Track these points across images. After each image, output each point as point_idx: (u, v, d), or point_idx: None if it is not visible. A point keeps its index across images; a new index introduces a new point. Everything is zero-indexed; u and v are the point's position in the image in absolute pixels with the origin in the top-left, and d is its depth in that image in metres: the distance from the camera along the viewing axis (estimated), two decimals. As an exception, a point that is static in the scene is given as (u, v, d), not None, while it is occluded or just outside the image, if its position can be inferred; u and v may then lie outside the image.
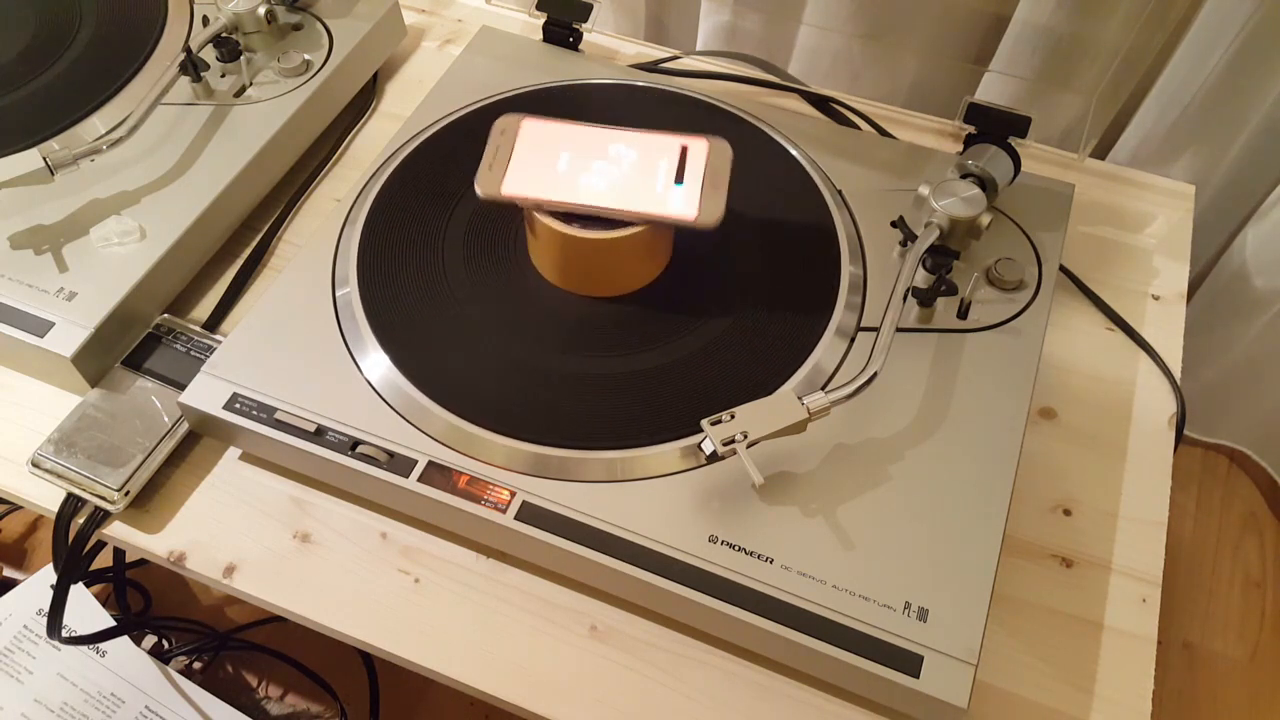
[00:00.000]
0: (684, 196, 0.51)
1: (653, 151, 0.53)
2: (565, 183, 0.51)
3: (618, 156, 0.52)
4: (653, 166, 0.52)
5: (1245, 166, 0.80)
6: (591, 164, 0.52)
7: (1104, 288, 0.62)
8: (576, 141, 0.53)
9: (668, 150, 0.53)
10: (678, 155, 0.52)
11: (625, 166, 0.52)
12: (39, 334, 0.54)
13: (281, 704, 0.95)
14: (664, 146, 0.53)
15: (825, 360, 0.52)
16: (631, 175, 0.52)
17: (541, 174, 0.52)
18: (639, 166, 0.52)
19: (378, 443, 0.49)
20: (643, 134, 0.53)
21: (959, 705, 0.42)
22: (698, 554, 0.46)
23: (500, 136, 0.53)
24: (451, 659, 0.48)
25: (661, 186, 0.51)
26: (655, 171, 0.52)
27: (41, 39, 0.67)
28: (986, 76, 0.78)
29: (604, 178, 0.52)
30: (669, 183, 0.51)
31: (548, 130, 0.54)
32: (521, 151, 0.52)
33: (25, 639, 0.88)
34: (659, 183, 0.51)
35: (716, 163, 0.52)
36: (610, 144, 0.53)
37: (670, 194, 0.51)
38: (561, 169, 0.52)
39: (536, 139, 0.53)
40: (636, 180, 0.51)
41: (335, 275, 0.56)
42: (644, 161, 0.52)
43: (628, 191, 0.51)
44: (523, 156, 0.52)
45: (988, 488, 0.48)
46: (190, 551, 0.52)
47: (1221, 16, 0.70)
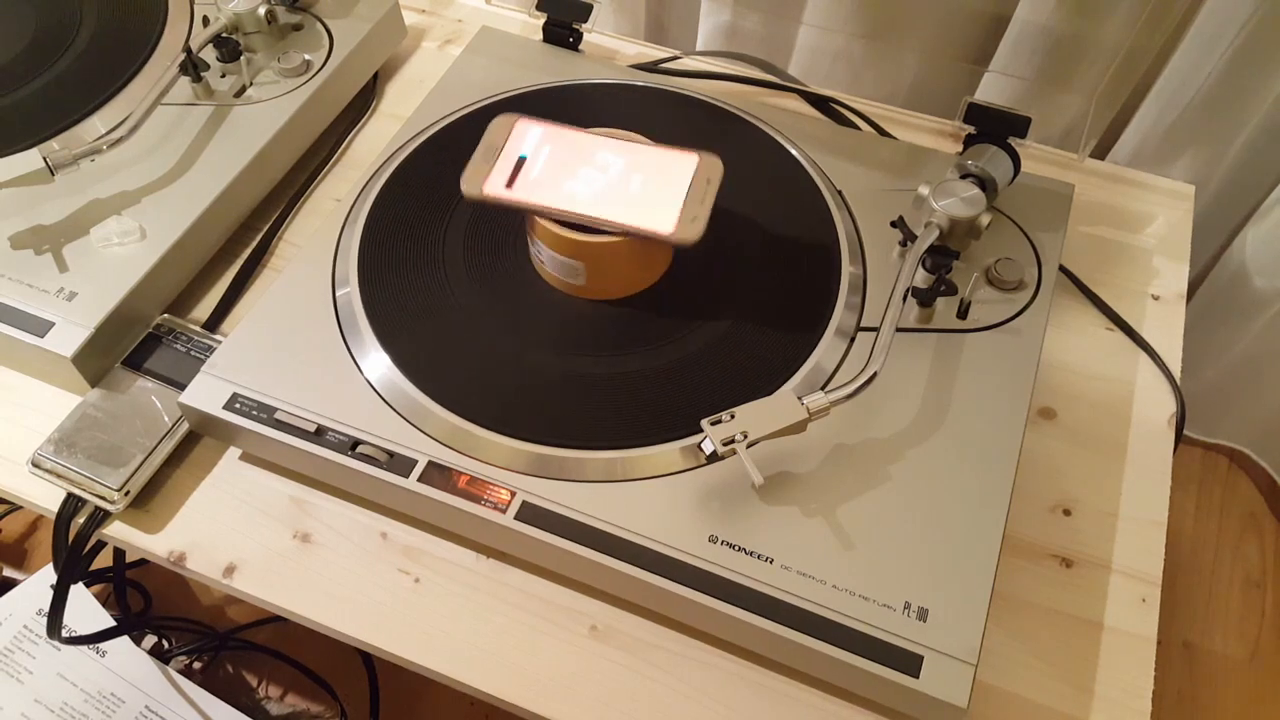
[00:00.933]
0: (665, 210, 0.50)
1: (641, 161, 0.52)
2: (549, 187, 0.51)
3: (605, 164, 0.52)
4: (638, 177, 0.52)
5: (1245, 166, 0.80)
6: (578, 170, 0.52)
7: (1104, 288, 0.62)
8: (567, 146, 0.53)
9: (656, 161, 0.52)
10: (665, 167, 0.52)
11: (611, 174, 0.52)
12: (39, 334, 0.54)
13: (281, 704, 0.95)
14: (653, 157, 0.52)
15: (825, 360, 0.52)
16: (616, 184, 0.51)
17: (527, 176, 0.52)
18: (624, 176, 0.52)
19: (378, 443, 0.49)
20: (634, 143, 0.53)
21: (959, 705, 0.42)
22: (698, 554, 0.46)
23: (493, 136, 0.53)
24: (451, 659, 0.48)
25: (644, 198, 0.51)
26: (640, 182, 0.51)
27: (41, 39, 0.67)
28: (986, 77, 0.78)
29: (589, 185, 0.51)
30: (651, 195, 0.51)
31: (540, 132, 0.53)
32: (511, 153, 0.52)
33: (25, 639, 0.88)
34: (642, 194, 0.51)
35: (704, 178, 0.51)
36: (599, 151, 0.53)
37: (651, 206, 0.50)
38: (549, 173, 0.52)
39: (528, 141, 0.53)
40: (620, 189, 0.51)
41: (335, 275, 0.56)
42: (630, 171, 0.52)
43: (610, 200, 0.51)
44: (511, 158, 0.52)
45: (987, 488, 0.48)
46: (190, 551, 0.52)
47: (1221, 16, 0.70)
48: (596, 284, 0.54)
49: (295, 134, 0.65)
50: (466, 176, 0.51)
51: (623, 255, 0.52)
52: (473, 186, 0.51)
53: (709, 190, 0.51)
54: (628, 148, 0.53)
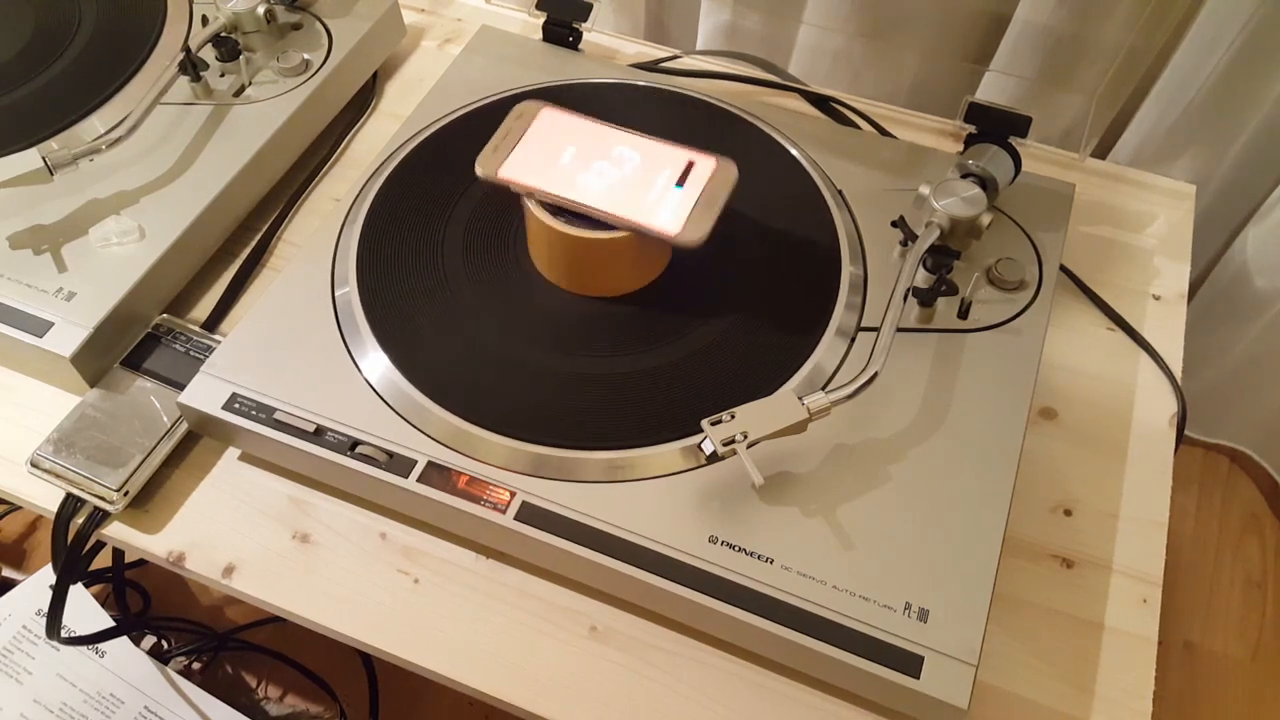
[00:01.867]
0: (673, 210, 0.50)
1: (657, 160, 0.52)
2: (562, 177, 0.51)
3: (621, 159, 0.52)
4: (652, 175, 0.52)
5: (1246, 166, 0.80)
6: (593, 163, 0.52)
7: (1105, 288, 0.62)
8: (586, 138, 0.53)
9: (672, 161, 0.52)
10: (681, 168, 0.52)
11: (625, 171, 0.52)
12: (38, 334, 0.54)
13: (281, 704, 0.95)
14: (670, 157, 0.52)
15: (825, 360, 0.52)
16: (629, 181, 0.51)
17: (542, 164, 0.52)
18: (638, 173, 0.52)
19: (377, 443, 0.49)
20: (653, 141, 0.53)
21: (959, 706, 0.42)
22: (698, 554, 0.45)
23: (515, 120, 0.53)
24: (451, 659, 0.48)
25: (654, 197, 0.51)
26: (653, 181, 0.51)
27: (41, 39, 0.67)
28: (987, 76, 0.78)
29: (602, 178, 0.51)
30: (663, 194, 0.51)
31: (562, 122, 0.54)
32: (530, 139, 0.53)
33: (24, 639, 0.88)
34: (653, 192, 0.51)
35: (717, 183, 0.51)
36: (617, 146, 0.53)
37: (660, 206, 0.50)
38: (563, 163, 0.52)
39: (549, 129, 0.53)
40: (632, 186, 0.51)
41: (335, 275, 0.56)
42: (645, 169, 0.52)
43: (620, 196, 0.51)
44: (530, 144, 0.52)
45: (988, 488, 0.48)
46: (189, 552, 0.52)
47: (1222, 17, 0.70)
48: (596, 280, 0.54)
49: (294, 133, 0.65)
50: (482, 158, 0.52)
51: (621, 250, 0.52)
52: (488, 168, 0.51)
53: (720, 195, 0.51)
54: (646, 145, 0.53)
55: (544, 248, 0.54)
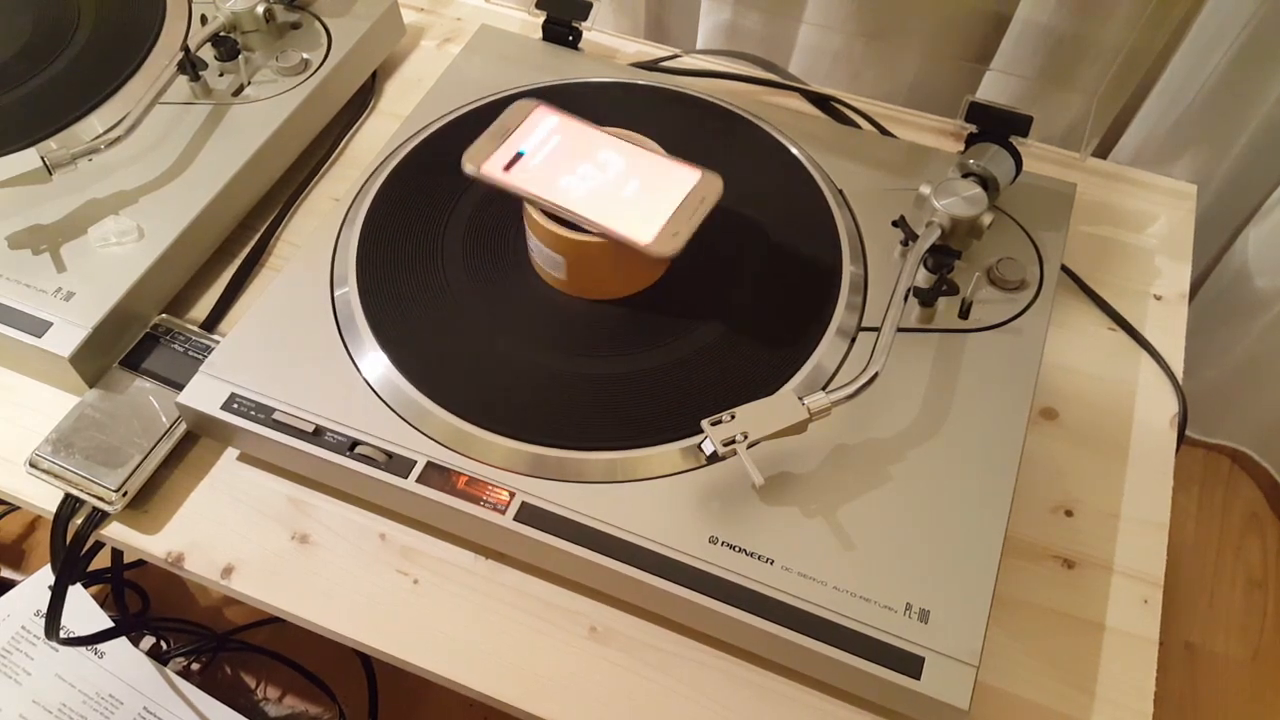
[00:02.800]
0: (649, 220, 0.49)
1: (642, 167, 0.52)
2: (545, 178, 0.51)
3: (606, 163, 0.52)
4: (635, 182, 0.51)
5: (1247, 166, 0.80)
6: (578, 165, 0.52)
7: (1105, 288, 0.62)
8: (574, 139, 0.53)
9: (657, 170, 0.52)
10: (665, 178, 0.51)
11: (609, 175, 0.51)
12: (37, 334, 0.53)
13: (280, 705, 0.95)
14: (654, 165, 0.52)
15: (826, 360, 0.52)
16: (611, 185, 0.51)
17: (527, 164, 0.52)
18: (621, 178, 0.51)
19: (376, 443, 0.49)
20: (641, 150, 0.53)
21: (960, 707, 0.42)
22: (698, 555, 0.45)
23: (507, 118, 0.53)
24: (450, 660, 0.48)
25: (634, 204, 0.50)
26: (635, 188, 0.51)
27: (40, 38, 0.67)
28: (988, 75, 0.78)
29: (584, 181, 0.51)
30: (643, 202, 0.50)
31: (555, 122, 0.53)
32: (519, 138, 0.52)
33: (23, 640, 0.88)
34: (634, 200, 0.50)
35: (699, 196, 0.50)
36: (604, 150, 0.52)
37: (636, 214, 0.50)
38: (550, 164, 0.52)
39: (540, 129, 0.53)
40: (614, 191, 0.51)
41: (334, 275, 0.55)
42: (629, 175, 0.51)
43: (599, 201, 0.50)
44: (517, 143, 0.52)
45: (989, 488, 0.48)
46: (188, 552, 0.51)
47: (1222, 16, 0.70)
48: (584, 282, 0.54)
49: (293, 133, 0.65)
50: (469, 153, 0.52)
51: (605, 255, 0.52)
52: (472, 163, 0.51)
53: (701, 209, 0.50)
54: (632, 151, 0.52)
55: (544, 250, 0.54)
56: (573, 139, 0.53)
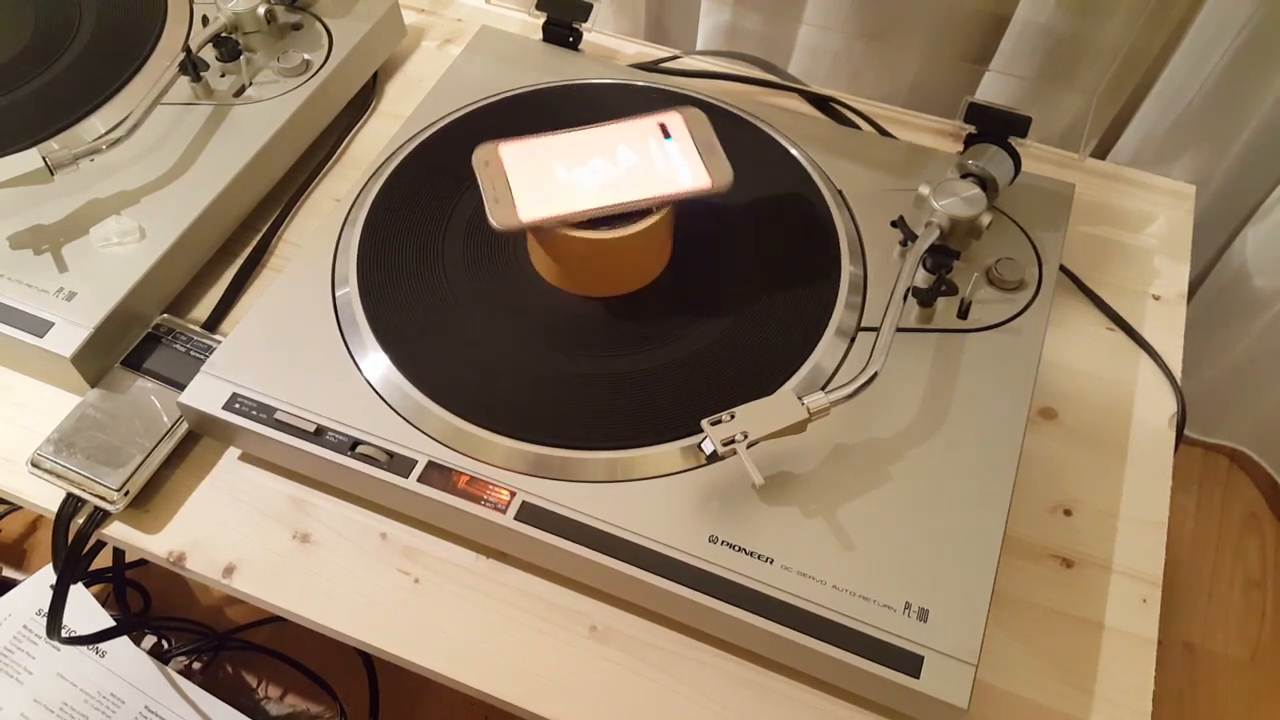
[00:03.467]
0: (688, 168, 0.51)
1: (635, 137, 0.53)
2: (574, 192, 0.51)
3: (608, 152, 0.52)
4: (643, 151, 0.52)
5: (1246, 166, 0.80)
6: (588, 165, 0.52)
7: (1104, 288, 0.62)
8: (561, 150, 0.53)
9: (644, 132, 0.53)
10: (659, 133, 0.53)
11: (620, 160, 0.52)
12: (38, 334, 0.54)
13: (281, 704, 0.95)
14: (640, 129, 0.53)
15: (825, 360, 0.52)
16: (631, 165, 0.52)
17: (547, 190, 0.51)
18: (631, 155, 0.52)
19: (377, 443, 0.49)
20: (616, 125, 0.54)
21: (959, 706, 0.42)
22: (698, 554, 0.45)
23: (487, 168, 0.52)
24: (451, 659, 0.48)
25: (663, 165, 0.52)
26: (649, 154, 0.52)
27: (41, 39, 0.67)
28: (987, 76, 0.78)
29: (604, 175, 0.51)
30: (665, 161, 0.52)
31: (528, 148, 0.53)
32: (516, 176, 0.52)
33: (25, 639, 0.88)
34: (659, 163, 0.52)
35: (696, 126, 0.53)
36: (594, 143, 0.53)
37: (673, 171, 0.51)
38: (563, 180, 0.51)
39: (522, 160, 0.52)
40: (637, 168, 0.51)
41: (335, 275, 0.56)
42: (630, 150, 0.52)
43: (635, 181, 0.51)
44: (520, 180, 0.51)
45: (988, 488, 0.48)
46: (190, 551, 0.52)
47: (1221, 16, 0.70)
48: (596, 280, 0.54)
49: (295, 133, 0.65)
50: (493, 212, 0.50)
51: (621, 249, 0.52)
52: (507, 218, 0.50)
53: (709, 135, 0.52)
54: (614, 130, 0.53)
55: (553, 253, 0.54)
56: (556, 150, 0.53)
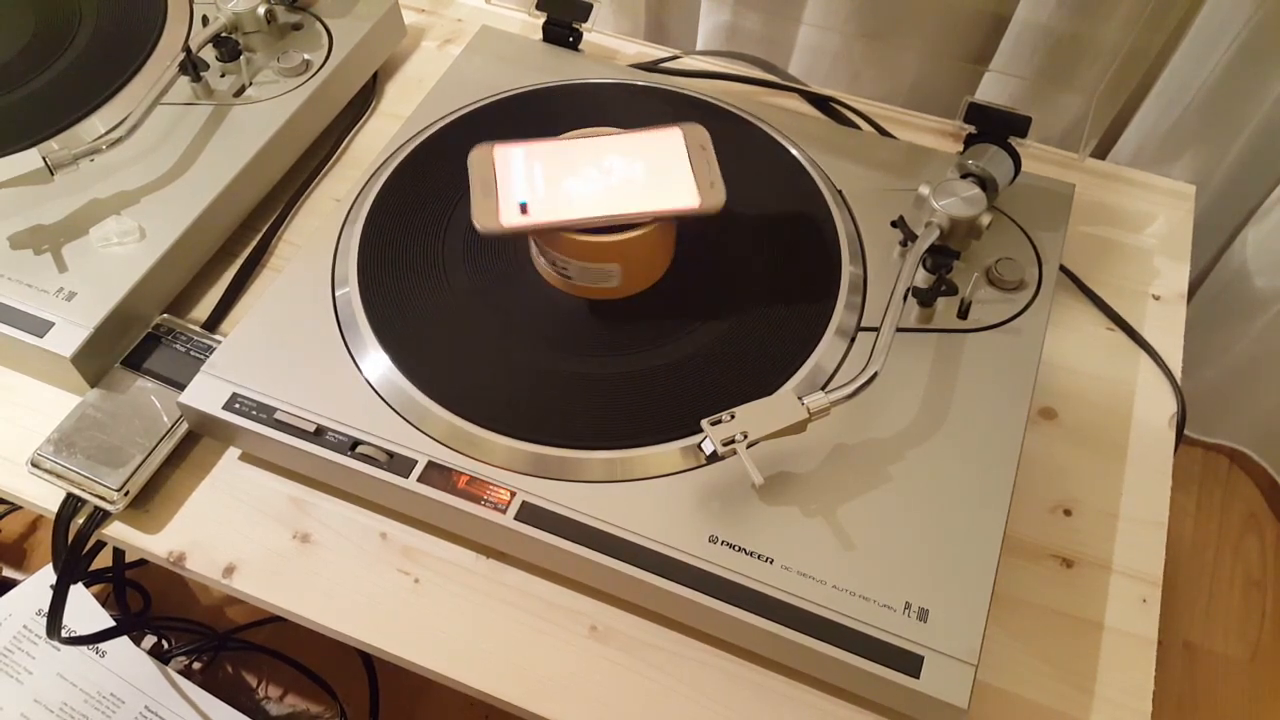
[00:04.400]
0: (679, 187, 0.50)
1: (633, 151, 0.52)
2: (563, 200, 0.50)
3: (603, 163, 0.52)
4: (636, 166, 0.52)
5: (1246, 166, 0.80)
6: (580, 175, 0.51)
7: (1104, 288, 0.62)
8: (556, 157, 0.52)
9: (646, 146, 0.52)
10: (658, 149, 0.52)
11: (614, 172, 0.51)
12: (38, 334, 0.54)
13: (281, 704, 0.95)
14: (642, 144, 0.52)
15: (825, 360, 0.52)
16: (623, 178, 0.51)
17: (535, 196, 0.50)
18: (624, 168, 0.51)
19: (377, 443, 0.49)
20: (617, 136, 0.53)
21: (959, 706, 0.42)
22: (698, 554, 0.45)
23: (480, 169, 0.51)
24: (451, 659, 0.48)
25: (655, 183, 0.51)
26: (640, 170, 0.51)
27: (41, 39, 0.67)
28: (987, 76, 0.78)
29: (595, 186, 0.51)
30: (657, 178, 0.51)
31: (524, 152, 0.52)
32: (506, 179, 0.51)
33: (25, 639, 0.88)
34: (649, 180, 0.51)
35: (697, 146, 0.52)
36: (591, 153, 0.52)
37: (664, 189, 0.51)
38: (553, 187, 0.51)
39: (516, 163, 0.52)
40: (629, 182, 0.51)
41: (335, 275, 0.56)
42: (626, 163, 0.52)
43: (625, 195, 0.51)
44: (509, 184, 0.51)
45: (988, 488, 0.48)
46: (190, 552, 0.52)
47: (1221, 16, 0.70)
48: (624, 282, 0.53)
49: (295, 133, 0.65)
50: (477, 214, 0.50)
51: (648, 247, 0.52)
52: (489, 221, 0.49)
53: (707, 155, 0.51)
54: (614, 142, 0.53)
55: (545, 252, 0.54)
56: (552, 156, 0.52)
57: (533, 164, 0.52)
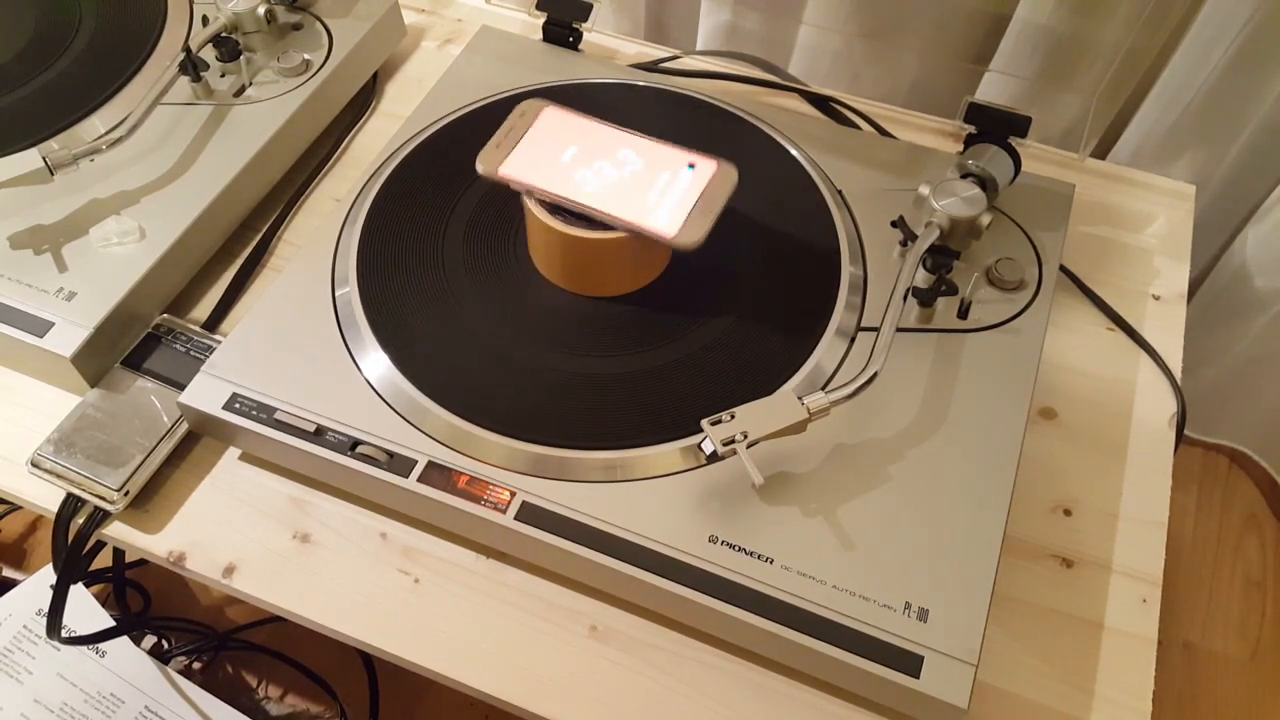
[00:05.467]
0: (671, 212, 0.50)
1: (658, 162, 0.52)
2: (563, 176, 0.51)
3: (622, 160, 0.52)
4: (652, 177, 0.52)
5: (1245, 166, 0.80)
6: (594, 163, 0.52)
7: (1104, 288, 0.62)
8: (588, 138, 0.53)
9: (673, 163, 0.52)
10: (681, 170, 0.52)
11: (625, 171, 0.52)
12: (38, 334, 0.54)
13: (281, 704, 0.95)
14: (671, 159, 0.52)
15: (825, 360, 0.52)
16: (629, 181, 0.51)
17: (543, 163, 0.52)
18: (638, 174, 0.52)
19: (377, 443, 0.49)
20: (655, 143, 0.53)
21: (959, 705, 0.42)
22: (698, 554, 0.46)
23: (518, 119, 0.53)
24: (451, 659, 0.48)
25: (653, 198, 0.51)
26: (653, 182, 0.51)
27: (41, 39, 0.67)
28: (987, 76, 0.78)
29: (602, 178, 0.51)
30: (661, 196, 0.51)
31: (565, 121, 0.54)
32: (532, 137, 0.53)
33: (25, 639, 0.88)
34: (652, 194, 0.51)
35: (716, 187, 0.51)
36: (618, 147, 0.53)
37: (658, 207, 0.50)
38: (564, 161, 0.52)
39: (551, 128, 0.53)
40: (631, 187, 0.51)
41: (335, 275, 0.56)
42: (645, 170, 0.52)
43: (619, 197, 0.51)
44: (532, 142, 0.53)
45: (988, 488, 0.48)
46: (190, 551, 0.52)
47: (1221, 16, 0.70)
48: (596, 280, 0.54)
49: (295, 133, 0.65)
50: (484, 154, 0.52)
51: (622, 250, 0.52)
52: (489, 165, 0.51)
53: (719, 199, 0.51)
54: (648, 147, 0.53)
55: (544, 248, 0.54)
56: (586, 136, 0.53)
57: (565, 135, 0.53)
